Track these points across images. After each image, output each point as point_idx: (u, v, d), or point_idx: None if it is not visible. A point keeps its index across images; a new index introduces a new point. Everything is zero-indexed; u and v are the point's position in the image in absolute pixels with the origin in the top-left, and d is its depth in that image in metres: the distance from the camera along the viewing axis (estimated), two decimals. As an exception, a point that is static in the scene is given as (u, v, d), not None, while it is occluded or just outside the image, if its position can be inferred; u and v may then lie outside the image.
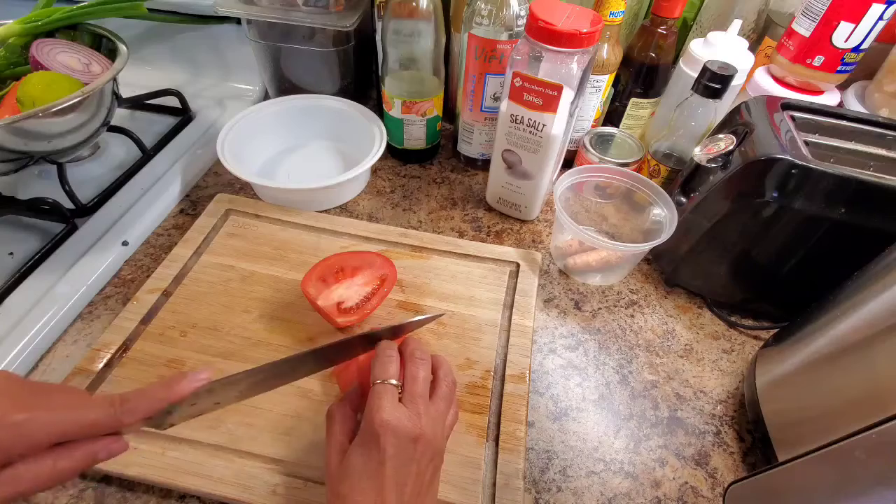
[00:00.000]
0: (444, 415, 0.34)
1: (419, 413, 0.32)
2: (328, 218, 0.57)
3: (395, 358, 0.35)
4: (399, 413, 0.31)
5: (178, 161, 0.63)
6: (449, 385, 0.36)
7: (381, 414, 0.30)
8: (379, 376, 0.33)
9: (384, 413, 0.30)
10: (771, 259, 0.47)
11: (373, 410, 0.31)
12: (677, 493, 0.40)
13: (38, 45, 0.56)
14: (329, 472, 0.31)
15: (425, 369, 0.35)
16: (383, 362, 0.34)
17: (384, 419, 0.30)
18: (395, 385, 0.33)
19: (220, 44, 0.74)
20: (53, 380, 0.44)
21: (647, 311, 0.53)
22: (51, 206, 0.54)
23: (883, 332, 0.33)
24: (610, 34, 0.56)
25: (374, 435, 0.30)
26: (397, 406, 0.31)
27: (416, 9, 0.54)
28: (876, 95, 0.57)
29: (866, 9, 0.49)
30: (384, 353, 0.35)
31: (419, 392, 0.33)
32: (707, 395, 0.47)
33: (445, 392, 0.35)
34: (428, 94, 0.61)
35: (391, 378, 0.33)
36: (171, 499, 0.38)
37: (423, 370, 0.34)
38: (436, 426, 0.33)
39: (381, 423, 0.30)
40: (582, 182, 0.56)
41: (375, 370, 0.34)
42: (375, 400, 0.31)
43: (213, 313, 0.47)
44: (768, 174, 0.42)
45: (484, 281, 0.52)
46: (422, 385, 0.34)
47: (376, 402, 0.31)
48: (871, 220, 0.41)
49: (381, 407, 0.31)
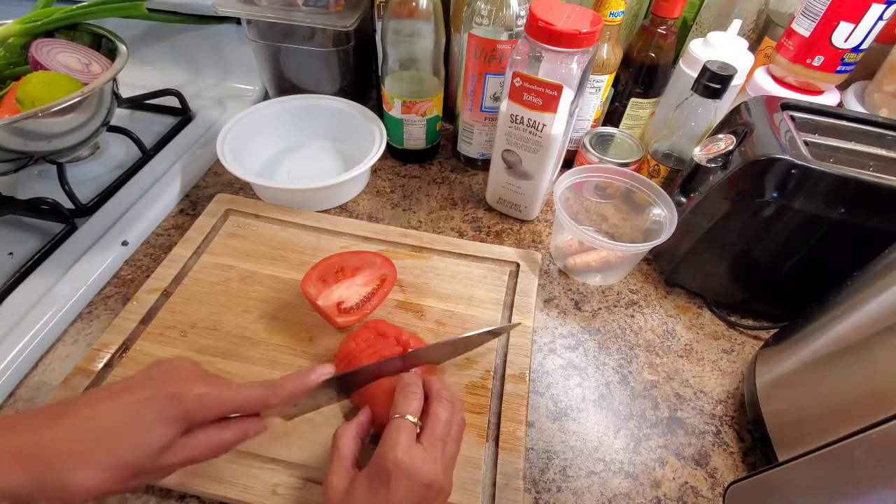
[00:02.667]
0: (455, 455, 0.34)
1: (436, 457, 0.31)
2: (328, 218, 0.57)
3: (419, 395, 0.34)
4: (416, 454, 0.30)
5: (178, 161, 0.63)
6: (460, 424, 0.35)
7: (396, 451, 0.30)
8: (401, 411, 0.33)
9: (399, 451, 0.30)
10: (771, 259, 0.47)
11: (389, 446, 0.30)
12: (677, 493, 0.40)
13: (38, 45, 0.56)
14: (329, 494, 0.31)
15: (450, 411, 0.34)
16: (407, 397, 0.34)
17: (399, 459, 0.30)
18: (414, 423, 0.32)
19: (220, 44, 0.74)
20: (53, 380, 0.44)
21: (647, 311, 0.53)
22: (51, 206, 0.54)
23: (883, 332, 0.33)
24: (610, 34, 0.56)
25: (385, 472, 0.30)
26: (415, 445, 0.31)
27: (416, 9, 0.54)
28: (875, 95, 0.57)
29: (866, 9, 0.49)
30: (409, 387, 0.35)
31: (440, 434, 0.32)
32: (707, 395, 0.47)
33: (457, 433, 0.34)
34: (428, 94, 0.61)
35: (412, 414, 0.33)
36: (170, 499, 0.38)
37: (448, 412, 0.34)
38: (448, 468, 0.32)
39: (395, 462, 0.30)
40: (582, 182, 0.56)
41: (398, 403, 0.33)
42: (394, 435, 0.31)
43: (212, 313, 0.47)
44: (768, 174, 0.42)
45: (484, 281, 0.52)
46: (444, 427, 0.33)
47: (394, 437, 0.31)
48: (870, 220, 0.41)
49: (398, 444, 0.30)
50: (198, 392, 0.29)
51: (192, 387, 0.30)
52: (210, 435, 0.30)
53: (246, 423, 0.32)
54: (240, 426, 0.32)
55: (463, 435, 0.36)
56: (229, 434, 0.31)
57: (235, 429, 0.31)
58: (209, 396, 0.30)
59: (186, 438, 0.29)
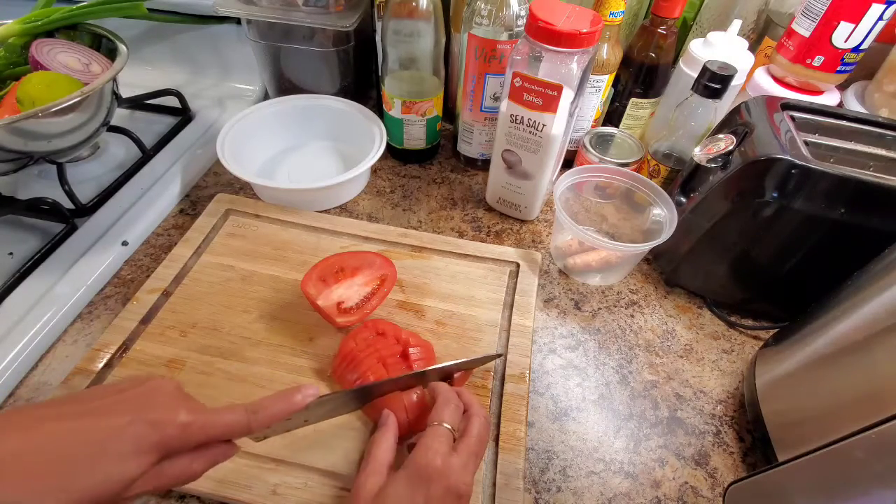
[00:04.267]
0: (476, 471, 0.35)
1: (470, 471, 0.32)
2: (328, 218, 0.57)
3: (460, 407, 0.36)
4: (455, 463, 0.31)
5: (178, 161, 0.63)
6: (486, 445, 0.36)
7: (437, 459, 0.31)
8: (441, 419, 0.34)
9: (441, 459, 0.31)
10: (771, 259, 0.47)
11: (432, 452, 0.31)
12: (677, 493, 0.40)
13: (38, 45, 0.56)
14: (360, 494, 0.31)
15: (486, 430, 0.35)
16: (450, 408, 0.35)
17: (441, 467, 0.31)
18: (451, 431, 0.33)
19: (220, 44, 0.74)
20: (53, 380, 0.44)
21: (647, 311, 0.53)
22: (51, 206, 0.54)
23: (883, 332, 0.33)
24: (610, 34, 0.56)
25: (426, 476, 0.30)
26: (452, 454, 0.32)
27: (416, 9, 0.54)
28: (876, 95, 0.57)
29: (866, 9, 0.49)
30: (449, 398, 0.36)
31: (474, 449, 0.33)
32: (707, 395, 0.47)
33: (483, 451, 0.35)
34: (428, 94, 0.61)
35: (451, 424, 0.34)
36: (170, 499, 0.38)
37: (485, 430, 0.35)
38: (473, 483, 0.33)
39: (437, 470, 0.31)
40: (582, 182, 0.56)
41: (439, 411, 0.34)
42: (435, 442, 0.32)
43: (212, 313, 0.47)
44: (768, 174, 0.42)
45: (484, 281, 0.52)
46: (478, 443, 0.34)
47: (436, 443, 0.32)
48: (870, 220, 0.41)
49: (440, 451, 0.31)
50: (182, 421, 0.26)
51: (175, 414, 0.26)
52: (179, 465, 0.27)
53: (217, 451, 0.29)
54: (211, 455, 0.29)
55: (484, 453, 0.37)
56: (199, 465, 0.28)
57: (207, 458, 0.29)
58: (194, 426, 0.27)
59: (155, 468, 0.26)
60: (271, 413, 0.30)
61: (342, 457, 0.39)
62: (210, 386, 0.42)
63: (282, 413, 0.30)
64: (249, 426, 0.29)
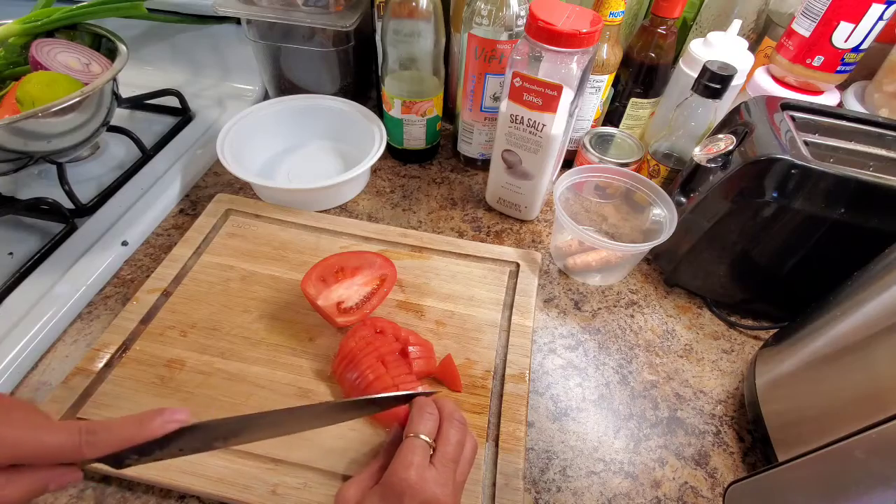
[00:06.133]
0: (465, 478, 0.34)
1: (448, 480, 0.31)
2: (328, 218, 0.57)
3: (435, 417, 0.34)
4: (429, 475, 0.30)
5: (178, 161, 0.63)
6: (472, 448, 0.35)
7: (408, 472, 0.30)
8: (416, 430, 0.32)
9: (412, 472, 0.30)
10: (771, 259, 0.47)
11: (401, 465, 0.30)
12: (677, 493, 0.40)
13: (38, 45, 0.56)
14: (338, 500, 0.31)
15: (462, 433, 0.34)
16: (424, 418, 0.33)
17: (411, 480, 0.29)
18: (428, 443, 0.32)
19: (220, 44, 0.74)
20: (53, 380, 0.44)
21: (646, 311, 0.53)
22: (51, 206, 0.54)
23: (883, 332, 0.33)
24: (610, 34, 0.56)
25: (398, 492, 0.29)
26: (428, 467, 0.31)
27: (415, 9, 0.54)
28: (875, 95, 0.57)
29: (866, 9, 0.49)
30: (424, 408, 0.34)
31: (452, 456, 0.32)
32: (707, 395, 0.47)
33: (469, 456, 0.34)
34: (428, 94, 0.61)
35: (427, 434, 0.32)
36: (170, 499, 0.38)
37: (461, 434, 0.34)
38: (457, 491, 0.32)
39: (407, 482, 0.29)
40: (582, 182, 0.56)
41: (414, 423, 0.33)
42: (408, 455, 0.31)
43: (212, 313, 0.47)
44: (768, 174, 0.42)
45: (484, 281, 0.52)
46: (455, 449, 0.33)
47: (408, 457, 0.30)
48: (870, 220, 0.41)
49: (412, 464, 0.30)
50: None
51: None
52: None
53: (45, 475, 0.25)
54: (35, 480, 0.25)
55: (475, 459, 0.35)
56: (14, 490, 0.24)
57: (26, 483, 0.24)
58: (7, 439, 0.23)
59: None
60: (116, 437, 0.26)
61: (342, 457, 0.39)
62: (210, 386, 0.42)
63: (131, 438, 0.26)
64: (80, 449, 0.25)
